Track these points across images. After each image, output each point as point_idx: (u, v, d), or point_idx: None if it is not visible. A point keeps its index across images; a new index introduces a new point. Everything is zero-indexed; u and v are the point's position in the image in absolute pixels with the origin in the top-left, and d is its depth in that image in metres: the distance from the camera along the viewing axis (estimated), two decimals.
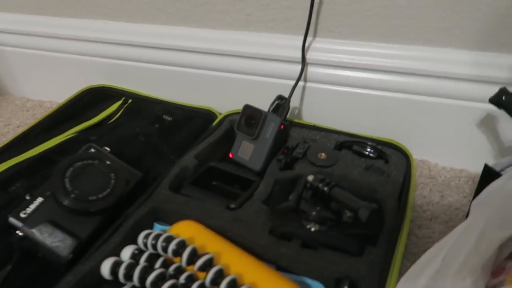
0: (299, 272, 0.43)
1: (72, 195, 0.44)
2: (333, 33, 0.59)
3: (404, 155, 0.56)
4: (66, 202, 0.44)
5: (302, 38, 0.58)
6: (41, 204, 0.44)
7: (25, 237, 0.43)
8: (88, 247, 0.44)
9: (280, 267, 0.44)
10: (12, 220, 0.43)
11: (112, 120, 0.66)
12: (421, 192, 0.57)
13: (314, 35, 0.60)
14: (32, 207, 0.44)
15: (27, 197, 0.45)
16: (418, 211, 0.54)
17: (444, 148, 0.60)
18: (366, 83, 0.59)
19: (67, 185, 0.45)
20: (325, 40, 0.60)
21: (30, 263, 0.44)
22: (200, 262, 0.39)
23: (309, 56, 0.60)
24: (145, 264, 0.40)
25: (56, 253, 0.42)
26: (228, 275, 0.38)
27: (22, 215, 0.43)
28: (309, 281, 0.43)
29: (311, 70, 0.61)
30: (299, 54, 0.59)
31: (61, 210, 0.44)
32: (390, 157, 0.55)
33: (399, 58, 0.56)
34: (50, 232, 0.43)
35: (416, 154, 0.60)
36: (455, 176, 0.60)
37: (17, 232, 0.43)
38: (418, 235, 0.51)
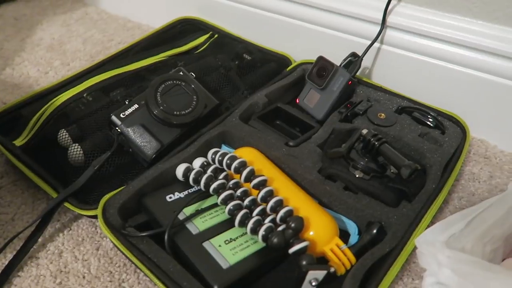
0: (337, 210, 0.49)
1: (161, 107, 0.53)
2: (418, 0, 0.59)
3: (461, 130, 0.57)
4: (156, 112, 0.52)
5: (386, 0, 0.60)
6: (136, 109, 0.53)
7: (121, 134, 0.52)
8: (167, 152, 0.53)
9: (322, 202, 0.50)
10: (113, 118, 0.52)
11: (199, 50, 0.74)
12: (471, 169, 0.59)
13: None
14: (129, 110, 0.53)
15: (126, 102, 0.54)
16: (463, 185, 0.57)
17: (506, 132, 0.60)
18: (442, 54, 0.60)
19: (158, 98, 0.53)
20: (409, 6, 0.61)
21: (123, 154, 0.54)
22: (255, 181, 0.46)
23: (390, 19, 0.61)
24: (211, 174, 0.48)
25: (143, 151, 0.52)
26: (276, 196, 0.45)
27: (121, 115, 0.52)
28: (344, 219, 0.49)
29: (389, 33, 0.63)
30: (380, 16, 0.61)
31: (151, 118, 0.53)
32: (447, 129, 0.57)
33: (480, 35, 0.56)
34: (141, 134, 0.52)
35: (476, 132, 0.62)
36: (510, 161, 0.60)
37: (116, 128, 0.52)
38: (456, 206, 0.54)
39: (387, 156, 0.48)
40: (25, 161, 0.53)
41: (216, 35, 0.77)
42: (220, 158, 0.49)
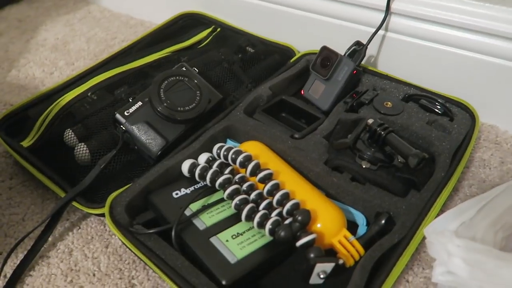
0: (344, 201, 0.49)
1: (165, 104, 0.52)
2: None
3: (470, 116, 0.56)
4: (160, 109, 0.52)
5: None
6: (140, 107, 0.53)
7: (126, 131, 0.52)
8: (173, 148, 0.53)
9: (329, 194, 0.49)
10: (118, 116, 0.52)
11: (202, 45, 0.73)
12: (481, 155, 0.58)
13: None
14: (133, 108, 0.53)
15: (130, 100, 0.54)
16: (473, 172, 0.56)
17: None
18: (448, 39, 0.59)
19: (162, 95, 0.53)
20: None
21: (128, 152, 0.54)
22: (261, 174, 0.46)
23: (394, 5, 0.60)
24: (217, 169, 0.48)
25: (149, 148, 0.52)
26: (282, 189, 0.45)
27: (125, 113, 0.52)
28: (352, 210, 0.48)
29: (393, 20, 0.62)
30: (384, 3, 0.60)
31: (155, 115, 0.53)
32: (456, 115, 0.56)
33: (487, 18, 0.55)
34: (146, 131, 0.52)
35: (486, 118, 0.60)
36: None
37: (121, 126, 0.53)
38: (467, 193, 0.53)
39: (394, 146, 0.47)
40: (33, 162, 0.53)
41: (218, 29, 0.77)
42: (225, 153, 0.49)
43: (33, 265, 0.46)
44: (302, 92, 0.63)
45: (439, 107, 0.57)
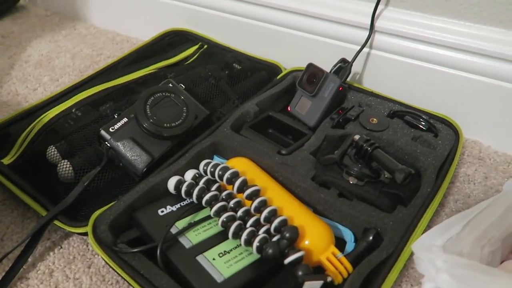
0: (332, 217, 0.48)
1: (151, 120, 0.52)
2: (405, 4, 0.60)
3: (454, 132, 0.57)
4: (146, 125, 0.52)
5: (373, 5, 0.60)
6: (125, 123, 0.52)
7: (111, 148, 0.52)
8: (158, 165, 0.52)
9: (316, 210, 0.49)
10: (103, 132, 0.52)
11: (188, 61, 0.73)
12: (465, 171, 0.59)
13: (386, 4, 0.61)
14: (118, 124, 0.52)
15: (115, 116, 0.53)
16: (458, 187, 0.56)
17: (499, 132, 0.60)
18: (431, 57, 0.60)
19: (148, 111, 0.52)
20: (397, 10, 0.61)
21: (113, 169, 0.53)
22: (248, 191, 0.46)
23: (378, 24, 0.62)
24: (203, 185, 0.47)
25: (134, 165, 0.51)
26: (270, 205, 0.45)
27: (110, 129, 0.52)
28: (340, 226, 0.48)
29: (377, 38, 0.63)
30: (368, 21, 0.61)
31: (141, 131, 0.52)
32: (440, 131, 0.57)
33: (468, 37, 0.56)
34: (131, 147, 0.51)
35: (469, 134, 0.62)
36: (505, 161, 0.60)
37: (105, 142, 0.52)
38: (452, 209, 0.54)
39: (381, 161, 0.47)
40: (13, 180, 0.52)
41: (205, 46, 0.77)
42: (212, 170, 0.49)
43: (11, 287, 0.45)
44: (289, 109, 0.64)
45: (423, 123, 0.58)
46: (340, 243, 0.46)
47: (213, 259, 0.42)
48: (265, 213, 0.44)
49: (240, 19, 0.75)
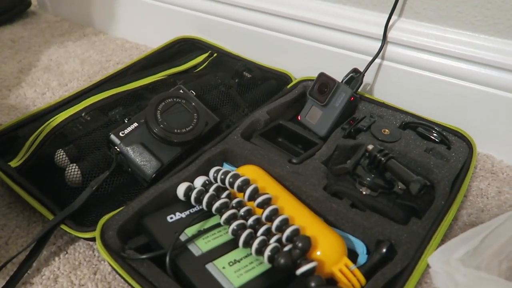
0: (344, 228, 0.47)
1: (161, 126, 0.51)
2: (419, 15, 0.60)
3: (467, 144, 0.56)
4: (156, 130, 0.51)
5: (386, 16, 0.60)
6: (135, 128, 0.52)
7: (120, 153, 0.51)
8: (168, 171, 0.51)
9: (328, 221, 0.48)
10: (112, 137, 0.51)
11: (198, 69, 0.73)
12: (478, 184, 0.58)
13: (400, 15, 0.61)
14: (128, 129, 0.51)
15: (126, 120, 0.53)
16: (471, 201, 0.55)
17: None
18: (444, 69, 0.60)
19: (159, 116, 0.52)
20: (410, 21, 0.61)
21: (121, 174, 0.52)
22: (259, 199, 0.45)
23: (391, 35, 0.61)
24: (213, 193, 0.46)
25: (143, 170, 0.50)
26: (281, 214, 0.44)
27: (120, 134, 0.51)
28: (352, 238, 0.47)
29: (390, 49, 0.62)
30: (381, 32, 0.61)
31: (150, 137, 0.52)
32: (453, 144, 0.56)
33: (483, 49, 0.56)
34: (141, 153, 0.51)
35: (482, 147, 0.61)
36: None
37: (115, 147, 0.51)
38: (466, 222, 0.53)
39: (395, 172, 0.47)
40: (20, 183, 0.51)
41: (215, 54, 0.77)
42: (222, 177, 0.48)
43: None
44: (299, 118, 0.63)
45: (436, 135, 0.57)
46: (352, 255, 0.44)
47: (223, 267, 0.41)
48: (276, 222, 0.43)
49: (250, 28, 0.75)
